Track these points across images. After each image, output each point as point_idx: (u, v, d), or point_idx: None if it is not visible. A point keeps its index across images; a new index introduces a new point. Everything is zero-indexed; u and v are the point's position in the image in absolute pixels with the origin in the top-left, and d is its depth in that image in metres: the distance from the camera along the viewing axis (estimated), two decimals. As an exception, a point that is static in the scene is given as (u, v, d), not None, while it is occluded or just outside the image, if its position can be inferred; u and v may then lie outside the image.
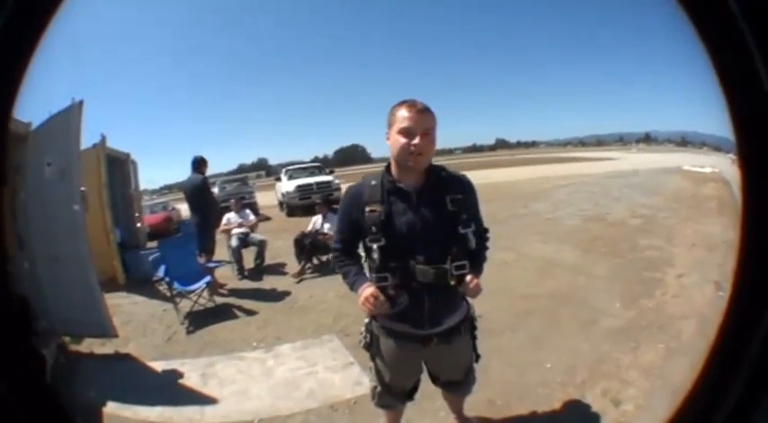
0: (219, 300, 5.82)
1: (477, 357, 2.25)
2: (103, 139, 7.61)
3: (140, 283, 6.54)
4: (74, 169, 4.71)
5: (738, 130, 0.84)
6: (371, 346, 2.13)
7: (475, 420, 2.77)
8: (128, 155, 9.81)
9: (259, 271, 7.10)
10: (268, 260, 7.38)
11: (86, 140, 7.32)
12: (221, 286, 6.34)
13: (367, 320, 2.11)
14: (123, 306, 5.90)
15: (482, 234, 2.07)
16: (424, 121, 1.80)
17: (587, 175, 18.05)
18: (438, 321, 1.94)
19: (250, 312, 5.31)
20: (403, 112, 1.80)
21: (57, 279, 4.56)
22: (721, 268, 4.89)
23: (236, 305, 5.64)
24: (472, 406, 2.75)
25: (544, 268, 5.95)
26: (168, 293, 5.44)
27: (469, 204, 1.96)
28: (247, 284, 6.63)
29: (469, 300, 2.09)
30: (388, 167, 1.93)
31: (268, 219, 13.07)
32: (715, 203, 9.20)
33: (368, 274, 1.96)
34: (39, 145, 4.80)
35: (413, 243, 1.84)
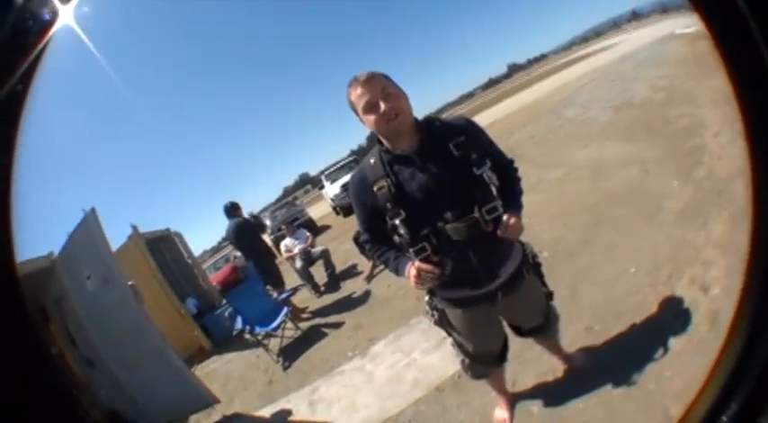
0: (305, 325, 5.82)
1: (551, 295, 2.12)
2: (135, 228, 7.68)
3: (227, 342, 6.64)
4: (113, 270, 4.83)
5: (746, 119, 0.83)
6: (443, 322, 2.02)
7: (579, 355, 2.67)
8: (167, 230, 10.02)
9: (334, 281, 7.06)
10: (340, 265, 7.34)
11: (123, 234, 7.58)
12: (303, 311, 6.37)
13: (427, 298, 2.01)
14: (218, 369, 6.00)
15: (507, 166, 1.91)
16: (375, 86, 1.67)
17: (600, 68, 17.72)
18: (495, 274, 1.81)
19: (337, 325, 5.29)
20: (356, 92, 1.69)
21: (141, 376, 4.66)
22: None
23: (321, 324, 5.64)
24: (571, 339, 2.68)
25: (596, 172, 5.71)
26: (254, 339, 5.48)
27: (478, 143, 1.78)
28: (327, 299, 6.60)
29: (522, 239, 1.92)
30: (379, 141, 1.80)
31: (328, 228, 13.13)
32: (713, 58, 8.70)
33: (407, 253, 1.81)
34: (70, 266, 4.90)
35: (434, 204, 1.70)
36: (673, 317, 2.67)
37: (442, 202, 1.69)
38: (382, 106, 1.64)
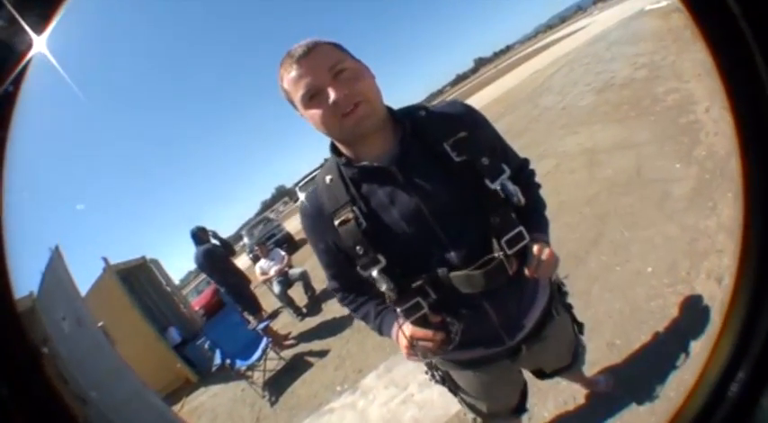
0: (289, 353, 5.43)
1: (581, 327, 1.62)
2: (106, 261, 7.33)
3: (211, 373, 6.18)
4: (83, 312, 4.62)
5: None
6: (446, 382, 1.51)
7: (602, 378, 2.31)
8: (143, 258, 9.65)
9: (315, 303, 6.67)
10: (319, 285, 6.93)
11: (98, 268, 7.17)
12: (286, 338, 5.98)
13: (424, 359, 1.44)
14: (205, 403, 5.67)
15: (523, 169, 1.33)
16: (319, 63, 1.03)
17: (571, 52, 17.84)
18: (518, 325, 1.26)
19: (322, 353, 4.89)
20: (289, 74, 1.05)
21: (130, 419, 4.38)
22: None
23: (306, 351, 5.24)
24: (594, 359, 2.33)
25: (590, 160, 5.39)
26: (236, 373, 5.08)
27: (485, 139, 1.18)
28: (310, 322, 6.19)
29: None
30: (333, 147, 1.19)
31: (306, 242, 12.80)
32: (690, 31, 8.68)
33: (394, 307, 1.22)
34: (47, 307, 4.61)
35: (429, 242, 1.11)
36: (693, 318, 2.43)
37: (444, 236, 1.11)
38: (332, 94, 1.01)
